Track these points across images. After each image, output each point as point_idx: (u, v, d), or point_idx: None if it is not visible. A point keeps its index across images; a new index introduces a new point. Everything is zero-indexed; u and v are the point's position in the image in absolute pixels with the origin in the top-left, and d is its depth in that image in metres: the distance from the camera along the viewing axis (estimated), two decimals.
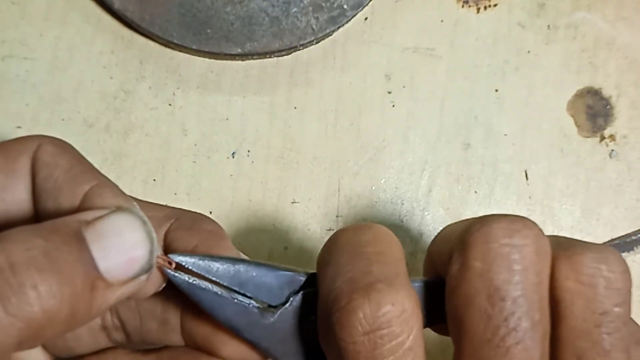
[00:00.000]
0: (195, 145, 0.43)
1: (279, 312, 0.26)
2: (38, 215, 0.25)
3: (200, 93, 0.44)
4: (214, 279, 0.25)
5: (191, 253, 0.25)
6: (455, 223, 0.27)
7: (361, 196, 0.43)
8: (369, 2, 0.44)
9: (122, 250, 0.22)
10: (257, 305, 0.25)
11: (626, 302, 0.24)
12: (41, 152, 0.25)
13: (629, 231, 0.44)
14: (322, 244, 0.27)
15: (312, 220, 0.43)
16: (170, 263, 0.25)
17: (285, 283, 0.26)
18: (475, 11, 0.45)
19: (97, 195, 0.24)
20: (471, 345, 0.23)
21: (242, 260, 0.26)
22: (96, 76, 0.43)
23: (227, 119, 0.44)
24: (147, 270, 0.23)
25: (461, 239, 0.24)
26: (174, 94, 0.44)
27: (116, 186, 0.25)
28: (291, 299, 0.26)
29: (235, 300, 0.25)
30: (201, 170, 0.43)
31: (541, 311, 0.23)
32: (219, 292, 0.25)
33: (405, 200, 0.43)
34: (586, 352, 0.23)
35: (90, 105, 0.43)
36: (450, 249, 0.25)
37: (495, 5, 0.46)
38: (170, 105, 0.43)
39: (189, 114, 0.43)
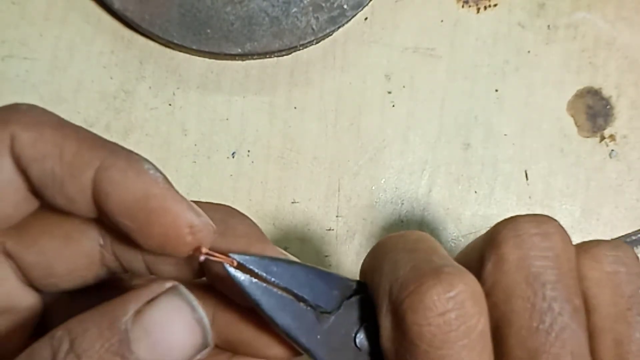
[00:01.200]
0: (195, 145, 0.43)
1: (333, 317, 0.25)
2: (50, 206, 0.23)
3: (200, 93, 0.44)
4: (273, 280, 0.24)
5: (249, 253, 0.24)
6: (469, 244, 0.27)
7: (361, 196, 0.43)
8: (369, 2, 0.44)
9: (170, 346, 0.21)
10: (314, 309, 0.24)
11: None
12: (19, 146, 0.22)
13: (629, 231, 0.44)
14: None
15: (312, 220, 0.43)
16: (228, 262, 0.23)
17: (338, 288, 0.25)
18: (475, 11, 0.45)
19: (109, 182, 0.22)
20: (518, 338, 0.23)
21: (297, 263, 0.25)
22: (96, 76, 0.43)
23: (227, 119, 0.44)
24: (203, 348, 0.22)
25: (490, 239, 0.25)
26: (174, 94, 0.44)
27: (117, 151, 0.23)
28: (343, 304, 0.25)
29: (295, 303, 0.24)
30: (201, 170, 0.43)
31: (578, 296, 0.24)
32: (280, 294, 0.24)
33: (405, 200, 0.43)
34: (623, 335, 0.24)
35: (90, 105, 0.43)
36: (478, 254, 0.25)
37: (495, 5, 0.46)
38: (170, 105, 0.43)
39: (189, 114, 0.43)
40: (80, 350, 0.20)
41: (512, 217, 0.25)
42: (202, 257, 0.23)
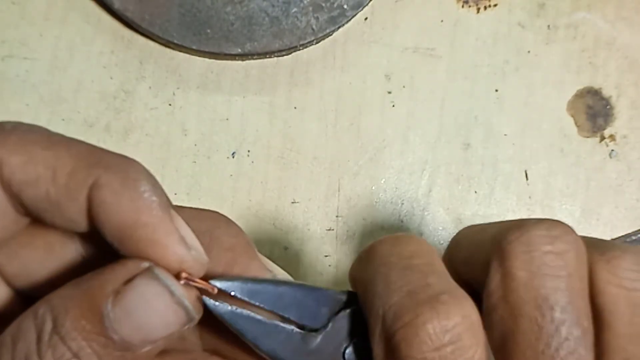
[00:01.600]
0: (195, 145, 0.43)
1: (321, 335, 0.24)
2: (45, 223, 0.23)
3: (200, 93, 0.44)
4: (257, 304, 0.23)
5: (231, 276, 0.23)
6: (479, 227, 0.26)
7: (361, 196, 0.43)
8: (369, 2, 0.44)
9: (152, 324, 0.21)
10: (299, 330, 0.24)
11: None
12: (8, 171, 0.21)
13: (629, 231, 0.44)
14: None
15: (312, 220, 0.43)
16: (206, 288, 0.23)
17: (325, 303, 0.25)
18: (475, 11, 0.45)
19: (100, 203, 0.21)
20: (524, 358, 0.23)
21: (283, 282, 0.24)
22: (96, 76, 0.43)
23: (227, 119, 0.44)
24: (189, 322, 0.22)
25: (498, 248, 0.23)
26: (174, 94, 0.44)
27: (114, 167, 0.22)
28: (332, 320, 0.25)
29: (279, 327, 0.24)
30: (201, 170, 0.43)
31: (588, 317, 0.23)
32: (263, 320, 0.23)
33: (405, 200, 0.43)
34: (636, 357, 0.23)
35: (90, 105, 0.43)
36: (484, 257, 0.24)
37: (495, 5, 0.46)
38: (170, 105, 0.43)
39: (189, 114, 0.43)
40: (63, 332, 0.20)
41: (523, 225, 0.23)
42: (181, 282, 0.22)
